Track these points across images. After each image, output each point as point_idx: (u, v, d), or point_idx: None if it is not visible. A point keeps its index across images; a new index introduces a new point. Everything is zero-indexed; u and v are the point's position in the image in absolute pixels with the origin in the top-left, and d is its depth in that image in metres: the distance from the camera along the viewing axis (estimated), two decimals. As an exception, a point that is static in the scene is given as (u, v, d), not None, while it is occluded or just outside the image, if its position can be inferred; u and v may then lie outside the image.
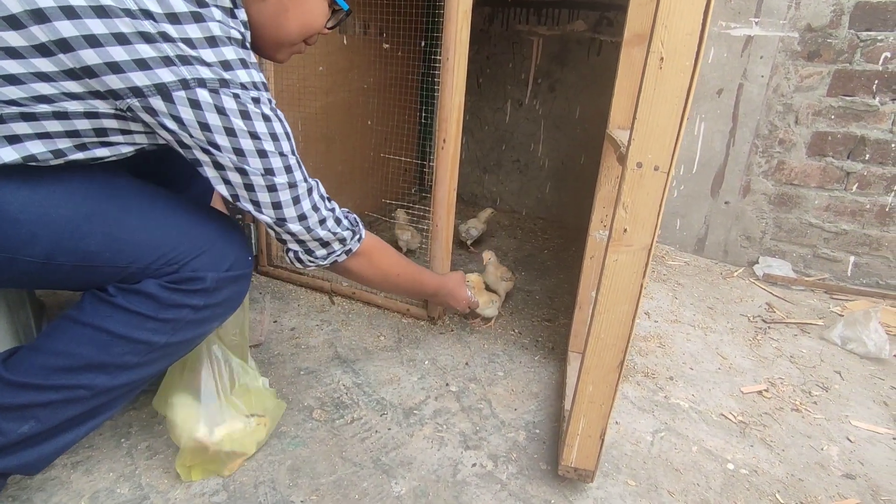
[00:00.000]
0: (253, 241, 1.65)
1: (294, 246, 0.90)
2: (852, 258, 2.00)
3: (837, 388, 1.36)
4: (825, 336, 1.61)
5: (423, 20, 1.97)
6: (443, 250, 1.41)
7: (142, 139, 0.75)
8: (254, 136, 0.74)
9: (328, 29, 0.90)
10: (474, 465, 0.99)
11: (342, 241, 0.92)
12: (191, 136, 0.70)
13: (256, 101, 0.74)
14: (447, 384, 1.22)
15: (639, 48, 1.05)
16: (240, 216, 1.64)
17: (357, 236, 0.95)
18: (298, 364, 1.25)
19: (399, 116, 2.00)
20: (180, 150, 0.74)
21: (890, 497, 1.01)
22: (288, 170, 0.79)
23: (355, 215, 0.97)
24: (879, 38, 1.78)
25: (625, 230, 0.76)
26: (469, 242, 2.05)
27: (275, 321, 1.43)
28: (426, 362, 1.30)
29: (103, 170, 0.78)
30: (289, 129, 0.80)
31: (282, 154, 0.78)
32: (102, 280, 0.76)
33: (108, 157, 0.74)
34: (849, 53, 1.82)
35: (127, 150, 0.75)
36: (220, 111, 0.70)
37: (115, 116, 0.69)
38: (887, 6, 1.75)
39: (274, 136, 0.76)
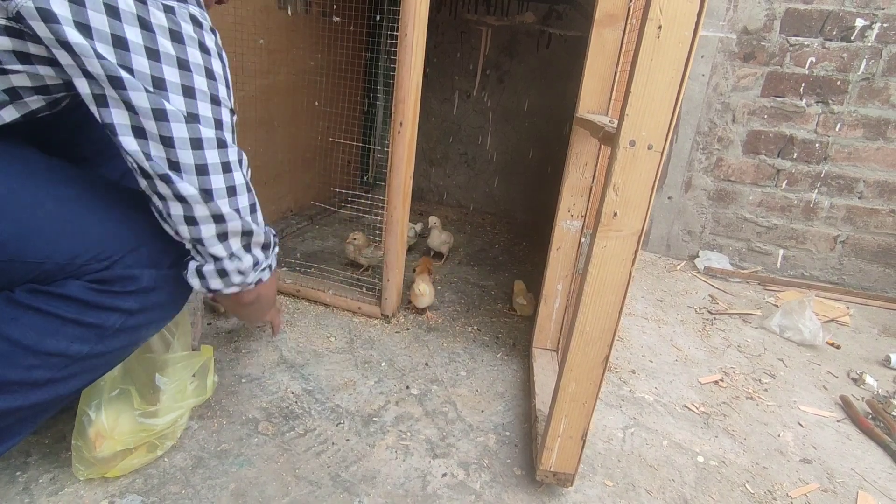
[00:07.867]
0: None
1: (216, 251, 0.67)
2: (781, 251, 2.11)
3: (783, 375, 1.41)
4: (765, 325, 1.68)
5: None
6: (398, 242, 1.32)
7: (47, 72, 0.56)
8: (183, 65, 0.56)
9: None
10: (444, 474, 0.91)
11: (266, 246, 0.73)
12: (97, 54, 0.52)
13: (197, 23, 0.57)
14: (407, 387, 1.13)
15: (610, 29, 1.01)
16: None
17: (275, 247, 0.77)
18: (239, 371, 1.11)
19: (345, 99, 1.86)
20: (84, 81, 0.54)
21: (843, 479, 1.04)
22: (218, 124, 0.61)
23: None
24: (806, 43, 1.89)
25: (615, 214, 0.71)
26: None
27: (209, 323, 1.26)
28: (383, 364, 1.20)
29: (6, 141, 0.62)
30: (230, 78, 0.64)
31: (214, 101, 0.60)
32: (10, 279, 0.61)
33: (5, 103, 0.58)
34: (780, 57, 1.91)
35: (31, 96, 0.58)
36: (145, 25, 0.53)
37: (7, 32, 0.52)
38: (812, 14, 1.86)
39: (210, 74, 0.59)
